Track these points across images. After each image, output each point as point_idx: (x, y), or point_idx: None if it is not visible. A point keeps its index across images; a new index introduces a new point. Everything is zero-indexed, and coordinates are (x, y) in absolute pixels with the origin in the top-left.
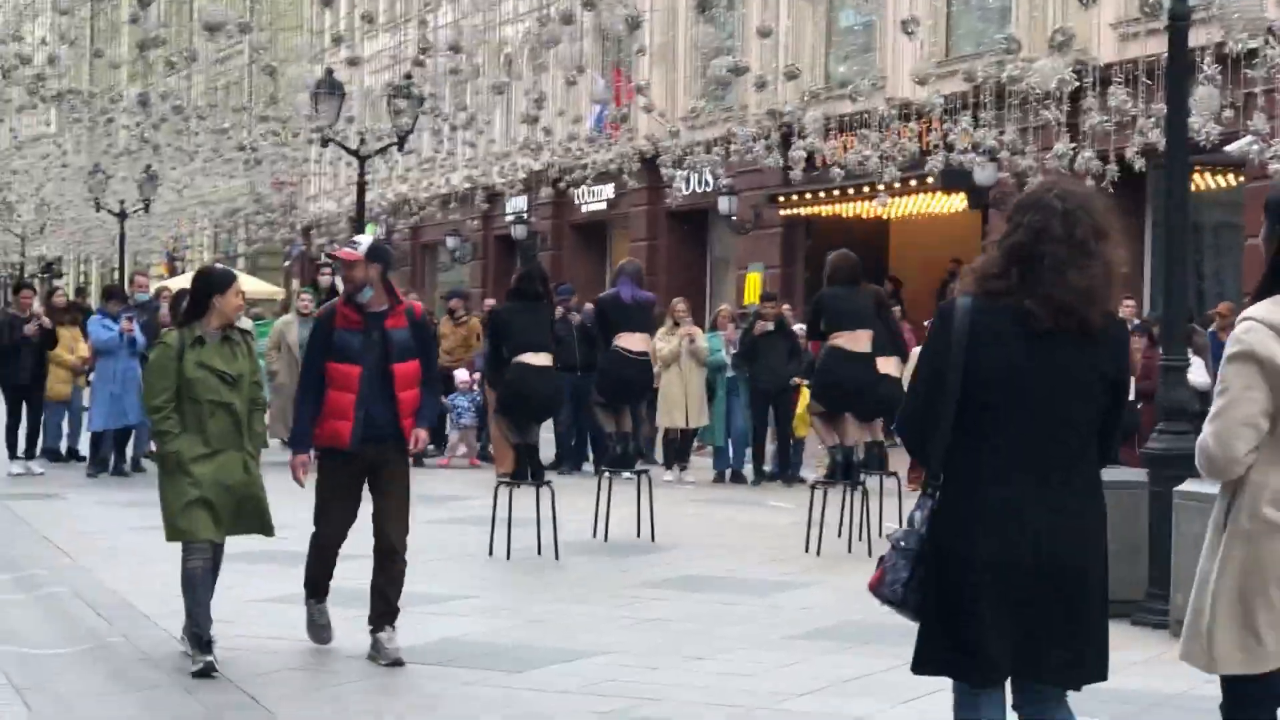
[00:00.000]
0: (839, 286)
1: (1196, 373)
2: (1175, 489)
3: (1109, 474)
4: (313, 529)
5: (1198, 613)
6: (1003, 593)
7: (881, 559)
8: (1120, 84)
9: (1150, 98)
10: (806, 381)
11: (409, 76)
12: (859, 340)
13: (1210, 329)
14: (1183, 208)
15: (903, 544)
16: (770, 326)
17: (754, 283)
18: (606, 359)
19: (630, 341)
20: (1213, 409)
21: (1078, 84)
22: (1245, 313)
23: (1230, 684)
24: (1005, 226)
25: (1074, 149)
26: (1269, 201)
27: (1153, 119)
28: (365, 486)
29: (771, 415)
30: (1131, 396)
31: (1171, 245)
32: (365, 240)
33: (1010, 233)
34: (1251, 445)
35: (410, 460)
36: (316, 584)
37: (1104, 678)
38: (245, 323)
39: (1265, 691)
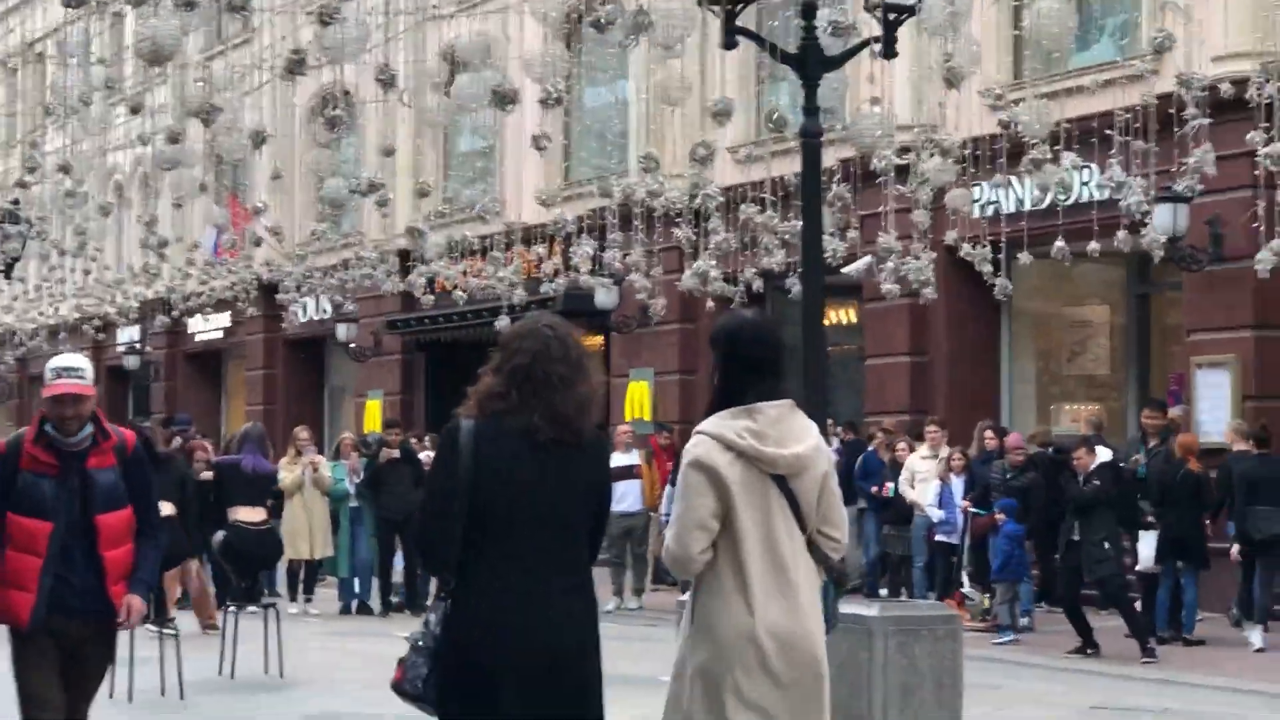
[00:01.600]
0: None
1: None
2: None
3: None
4: None
5: (676, 696)
6: (519, 686)
7: (401, 659)
8: (751, 204)
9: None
10: None
11: (16, 201)
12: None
13: (871, 447)
14: (818, 326)
15: (420, 643)
16: (396, 454)
17: (374, 410)
18: (229, 533)
19: (248, 514)
20: (672, 516)
21: (719, 200)
22: (697, 428)
23: None
24: (495, 357)
25: (711, 268)
26: (712, 336)
27: (783, 235)
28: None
29: (398, 544)
30: None
31: (809, 364)
32: (85, 364)
33: (508, 358)
34: (704, 545)
35: (114, 637)
36: None
37: None
38: None
39: None
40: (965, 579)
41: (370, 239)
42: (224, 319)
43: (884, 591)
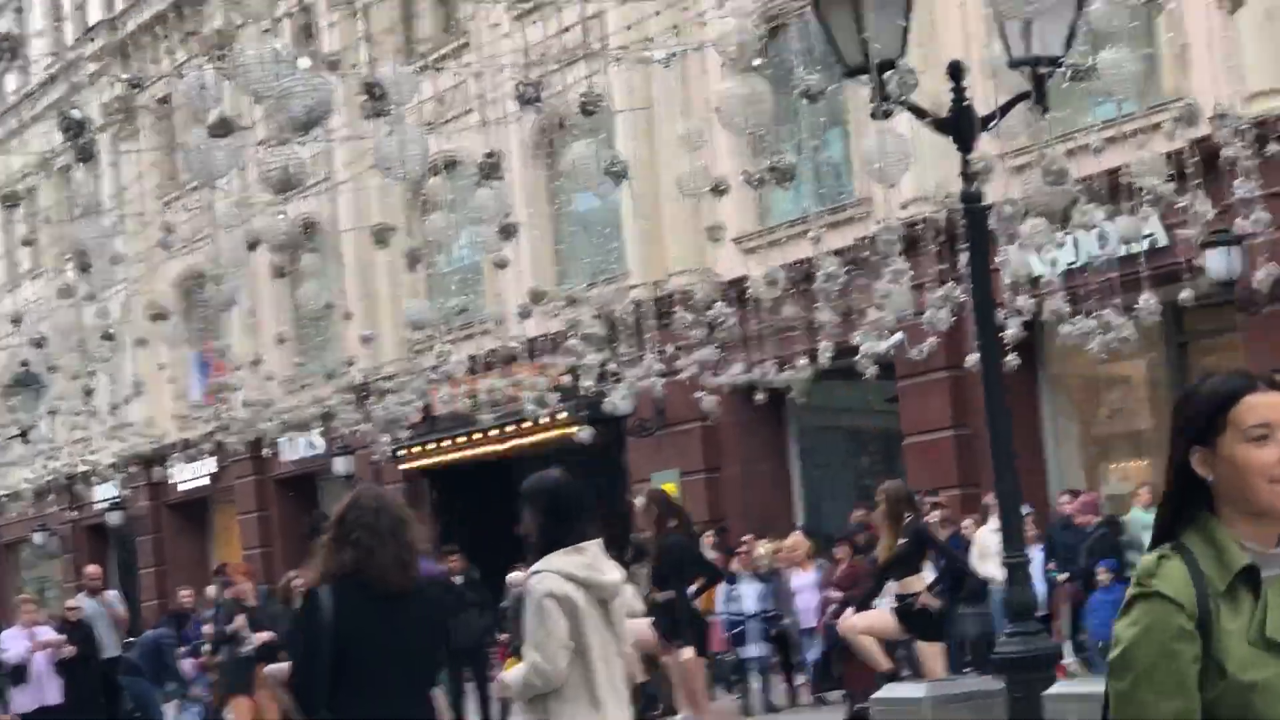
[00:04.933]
0: None
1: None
2: (1045, 693)
3: (965, 684)
4: None
5: None
6: None
7: None
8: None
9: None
10: None
11: (25, 363)
12: None
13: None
14: (1000, 402)
15: None
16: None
17: None
18: None
19: None
20: (533, 640)
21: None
22: (537, 565)
23: None
24: (330, 528)
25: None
26: (532, 493)
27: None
28: None
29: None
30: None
31: (998, 436)
32: None
33: (341, 530)
34: (567, 661)
35: None
36: None
37: None
38: None
39: None
40: (1067, 649)
41: (356, 369)
42: (209, 466)
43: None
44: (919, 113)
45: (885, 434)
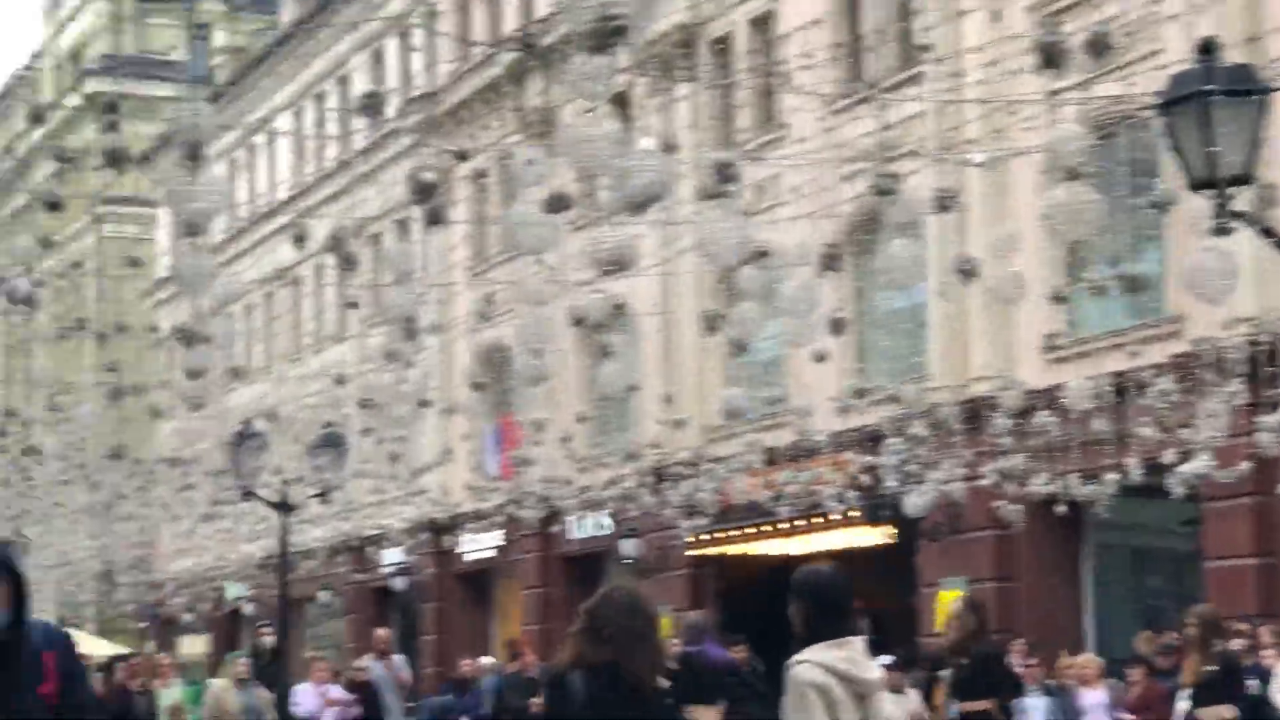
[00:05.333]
0: None
1: None
2: None
3: None
4: None
5: None
6: None
7: None
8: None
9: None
10: None
11: (329, 424)
12: None
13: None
14: None
15: None
16: None
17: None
18: None
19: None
20: None
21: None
22: (799, 656)
23: None
24: (585, 619)
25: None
26: (793, 583)
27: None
28: None
29: None
30: None
31: None
32: None
33: (594, 624)
34: None
35: None
36: None
37: None
38: None
39: None
40: None
41: (650, 452)
42: (495, 538)
43: None
44: (1268, 233)
45: (1177, 556)
